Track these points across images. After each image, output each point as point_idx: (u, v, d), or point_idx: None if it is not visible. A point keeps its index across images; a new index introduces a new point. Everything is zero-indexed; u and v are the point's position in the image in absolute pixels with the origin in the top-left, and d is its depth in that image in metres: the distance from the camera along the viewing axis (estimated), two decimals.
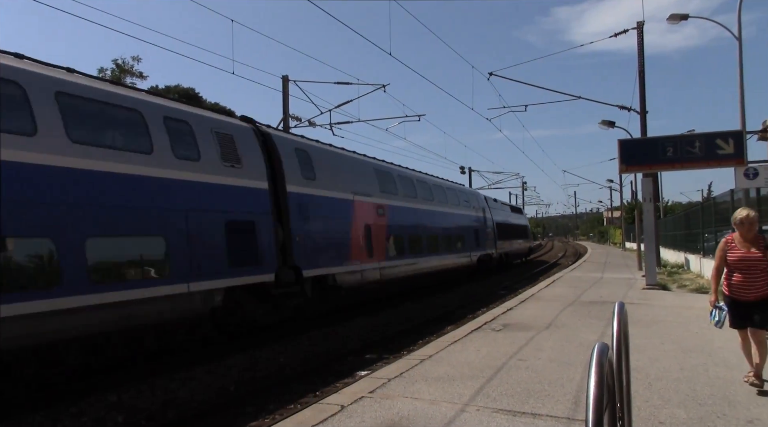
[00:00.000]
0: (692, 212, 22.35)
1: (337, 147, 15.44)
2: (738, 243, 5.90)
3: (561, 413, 5.07)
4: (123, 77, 37.13)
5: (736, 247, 5.89)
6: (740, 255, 5.82)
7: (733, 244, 5.92)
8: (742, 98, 14.98)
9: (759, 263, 5.75)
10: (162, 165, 8.98)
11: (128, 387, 7.83)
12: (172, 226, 8.93)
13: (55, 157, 7.46)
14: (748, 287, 5.77)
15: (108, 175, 8.10)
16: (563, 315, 10.97)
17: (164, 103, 9.88)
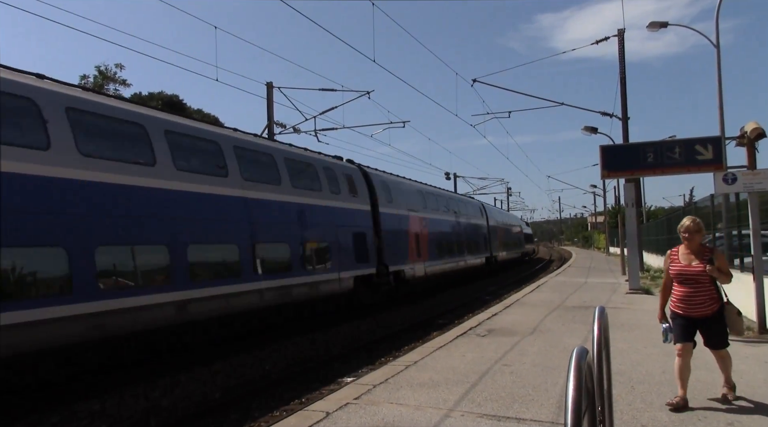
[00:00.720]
0: (674, 217, 22.61)
1: (396, 175, 20.31)
2: (680, 255, 5.52)
3: (545, 418, 5.11)
4: (105, 84, 36.82)
5: (677, 259, 5.52)
6: (679, 268, 5.45)
7: (675, 256, 5.56)
8: (720, 104, 15.22)
9: (699, 277, 5.32)
10: (326, 198, 14.31)
11: (112, 394, 7.76)
12: (335, 236, 14.24)
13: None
14: (690, 302, 5.35)
15: (313, 206, 13.62)
16: (547, 320, 11.04)
17: (332, 161, 15.41)
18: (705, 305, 5.34)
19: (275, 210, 12.08)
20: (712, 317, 5.33)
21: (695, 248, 5.44)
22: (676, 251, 5.58)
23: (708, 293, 5.34)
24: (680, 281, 5.42)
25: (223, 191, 10.55)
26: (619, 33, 22.78)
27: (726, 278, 5.37)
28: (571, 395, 2.09)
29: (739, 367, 6.86)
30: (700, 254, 5.40)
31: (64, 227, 7.56)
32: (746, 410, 5.23)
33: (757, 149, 9.52)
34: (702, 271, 5.30)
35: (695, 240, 5.43)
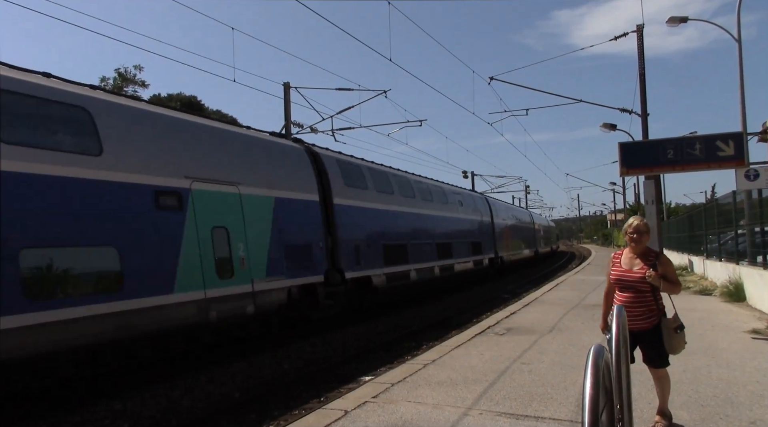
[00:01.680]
0: (695, 214, 22.32)
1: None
2: (624, 259, 4.90)
3: (564, 416, 5.09)
4: (125, 86, 37.32)
5: (618, 263, 4.89)
6: (619, 273, 4.83)
7: (617, 259, 4.94)
8: (742, 100, 14.98)
9: (638, 284, 4.69)
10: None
11: (132, 395, 7.87)
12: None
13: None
14: (629, 312, 4.61)
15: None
16: (566, 318, 10.97)
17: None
18: (643, 317, 4.69)
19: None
20: (651, 332, 4.69)
21: (640, 251, 4.83)
22: (620, 254, 4.96)
23: (647, 304, 4.69)
24: (620, 287, 4.82)
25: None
26: (638, 29, 22.51)
27: (672, 287, 4.68)
28: (589, 393, 2.09)
29: (763, 365, 6.79)
30: (644, 259, 4.77)
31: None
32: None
33: None
34: (642, 277, 4.65)
35: (642, 242, 4.81)
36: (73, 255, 7.48)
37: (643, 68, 22.39)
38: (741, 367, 6.71)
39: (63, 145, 7.78)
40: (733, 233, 14.52)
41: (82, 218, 7.66)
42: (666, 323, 4.68)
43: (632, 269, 4.75)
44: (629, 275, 4.75)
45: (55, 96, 7.86)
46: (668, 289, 4.66)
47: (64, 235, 7.41)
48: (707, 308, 12.15)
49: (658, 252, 4.86)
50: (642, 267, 4.70)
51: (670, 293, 4.67)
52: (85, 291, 7.50)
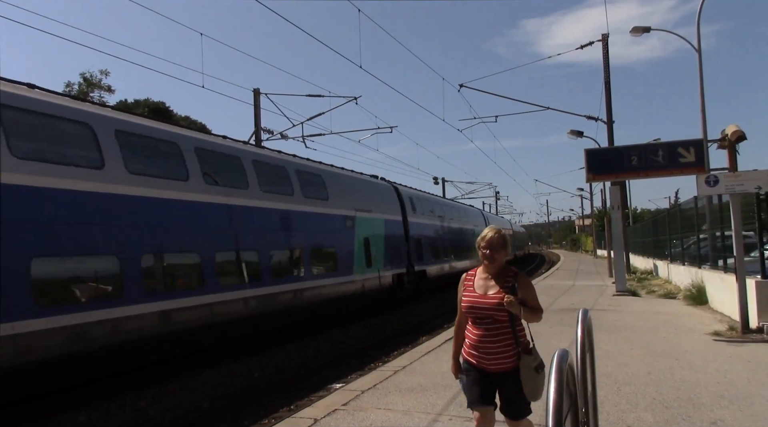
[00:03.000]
0: (659, 219, 22.84)
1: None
2: (477, 281, 3.78)
3: (532, 420, 5.13)
4: (90, 91, 36.61)
5: (471, 286, 3.78)
6: (472, 299, 3.72)
7: (470, 282, 3.81)
8: (702, 108, 15.43)
9: (496, 313, 3.62)
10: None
11: (97, 406, 7.70)
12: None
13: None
14: (484, 350, 3.65)
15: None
16: (535, 323, 11.10)
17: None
18: (502, 356, 3.63)
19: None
20: (513, 374, 3.63)
21: (496, 270, 3.74)
22: (473, 274, 3.85)
23: (507, 338, 3.63)
24: (474, 318, 3.72)
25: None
26: (603, 38, 23.07)
27: (533, 315, 3.67)
28: (553, 397, 2.13)
29: (723, 366, 6.98)
30: (501, 280, 3.70)
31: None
32: (729, 411, 5.29)
33: (738, 152, 9.70)
34: (499, 303, 3.59)
35: (498, 260, 3.72)
36: (327, 252, 14.38)
37: (608, 76, 22.92)
38: (703, 368, 6.89)
39: (310, 195, 14.03)
40: (696, 238, 14.91)
41: (338, 233, 15.03)
42: (525, 362, 3.60)
43: (487, 294, 3.67)
44: (483, 302, 3.65)
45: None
46: (529, 317, 3.63)
47: (326, 243, 14.45)
48: (671, 311, 12.44)
49: (516, 271, 3.79)
50: (499, 291, 3.63)
51: (531, 321, 3.67)
52: (323, 272, 14.05)
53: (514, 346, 3.63)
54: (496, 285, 3.68)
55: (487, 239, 3.72)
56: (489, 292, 3.68)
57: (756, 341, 8.46)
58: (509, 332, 3.63)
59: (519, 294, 3.63)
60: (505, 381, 3.67)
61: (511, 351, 3.64)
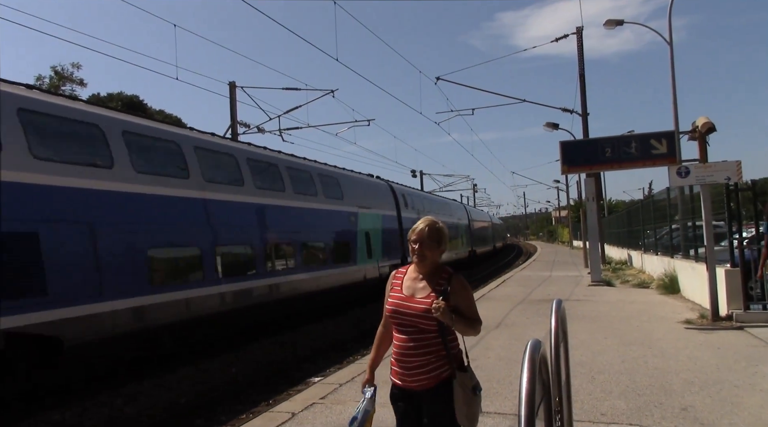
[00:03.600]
0: (633, 210, 23.20)
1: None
2: (406, 282, 3.19)
3: (508, 410, 5.21)
4: (62, 85, 35.90)
5: (399, 287, 3.18)
6: (396, 302, 3.13)
7: (398, 281, 3.22)
8: (674, 100, 15.68)
9: (421, 321, 3.01)
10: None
11: (72, 405, 7.59)
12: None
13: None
14: (407, 364, 3.05)
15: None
16: (512, 314, 11.23)
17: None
18: (426, 371, 3.02)
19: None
20: (435, 392, 3.01)
21: (428, 270, 3.15)
22: (404, 272, 3.27)
23: (434, 351, 3.01)
24: (398, 324, 3.11)
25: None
26: (578, 31, 23.28)
27: (468, 327, 3.05)
28: (525, 387, 2.15)
29: (694, 354, 7.14)
30: (432, 282, 3.10)
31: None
32: (699, 396, 5.42)
33: (708, 143, 9.88)
34: (427, 310, 2.97)
35: (429, 257, 3.14)
36: (342, 245, 16.31)
37: (582, 69, 23.15)
38: (675, 356, 7.04)
39: (330, 196, 16.21)
40: (668, 228, 15.18)
41: (350, 227, 16.95)
42: (461, 381, 2.98)
43: (414, 297, 3.07)
44: (409, 306, 3.05)
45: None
46: (462, 328, 3.03)
47: (341, 237, 16.42)
48: (645, 300, 12.67)
49: (452, 272, 3.16)
50: (428, 295, 3.03)
51: (465, 333, 3.09)
52: (339, 262, 16.01)
53: (441, 360, 2.99)
54: (426, 287, 3.07)
55: (417, 231, 3.14)
56: (417, 295, 3.06)
57: (725, 329, 8.67)
58: (438, 344, 2.99)
59: (451, 300, 3.00)
60: (428, 401, 3.01)
61: (436, 365, 2.98)
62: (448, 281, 3.08)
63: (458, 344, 3.12)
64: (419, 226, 3.17)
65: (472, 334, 3.10)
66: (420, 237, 3.12)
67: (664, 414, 4.93)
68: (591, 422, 4.82)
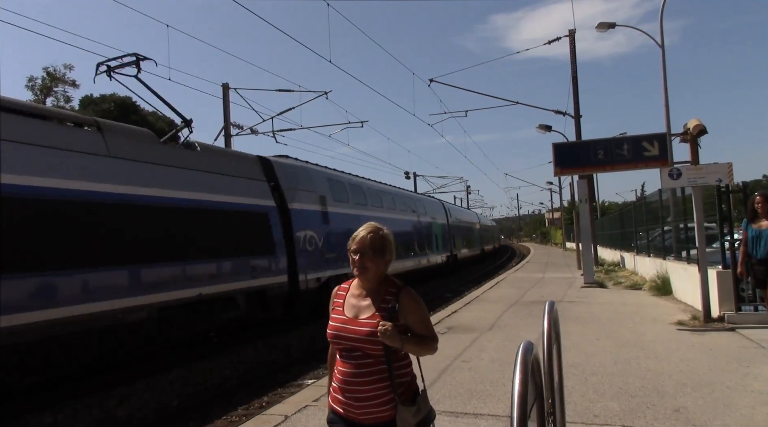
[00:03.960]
0: (626, 212, 23.28)
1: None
2: (349, 298, 2.78)
3: (501, 412, 5.21)
4: (54, 86, 35.72)
5: (341, 306, 2.77)
6: (338, 324, 2.73)
7: (340, 300, 2.81)
8: (666, 102, 15.75)
9: (367, 347, 2.61)
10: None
11: (63, 407, 7.54)
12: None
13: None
14: (354, 394, 2.64)
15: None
16: (506, 316, 11.24)
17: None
18: (376, 403, 2.61)
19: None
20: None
21: (372, 284, 2.74)
22: (346, 288, 2.84)
23: (382, 379, 2.61)
24: (341, 350, 2.70)
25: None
26: (570, 33, 23.37)
27: (422, 347, 2.66)
28: (517, 389, 2.15)
29: (686, 355, 7.16)
30: (378, 299, 2.69)
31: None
32: (691, 398, 5.44)
33: (700, 145, 9.92)
34: (371, 333, 2.58)
35: (372, 269, 2.69)
36: (427, 241, 26.92)
37: (575, 72, 23.23)
38: (667, 357, 7.06)
39: (423, 212, 27.51)
40: (660, 230, 15.24)
41: (428, 230, 27.18)
42: (403, 416, 2.59)
43: (358, 318, 2.66)
44: (352, 330, 2.63)
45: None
46: (415, 349, 2.65)
47: (428, 237, 27.08)
48: (637, 301, 12.71)
49: (401, 286, 2.72)
50: (373, 314, 2.63)
51: (420, 354, 2.71)
52: (427, 252, 26.45)
53: (389, 389, 2.59)
54: (371, 306, 2.66)
55: (357, 239, 2.69)
56: (361, 315, 2.65)
57: (717, 330, 8.70)
58: (386, 371, 2.58)
59: (401, 318, 2.61)
60: None
61: (388, 396, 2.59)
62: (396, 296, 2.67)
63: (411, 370, 2.72)
64: (360, 233, 2.72)
65: (428, 353, 2.70)
66: (361, 246, 2.68)
67: (656, 415, 4.94)
68: (584, 423, 4.83)
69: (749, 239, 7.62)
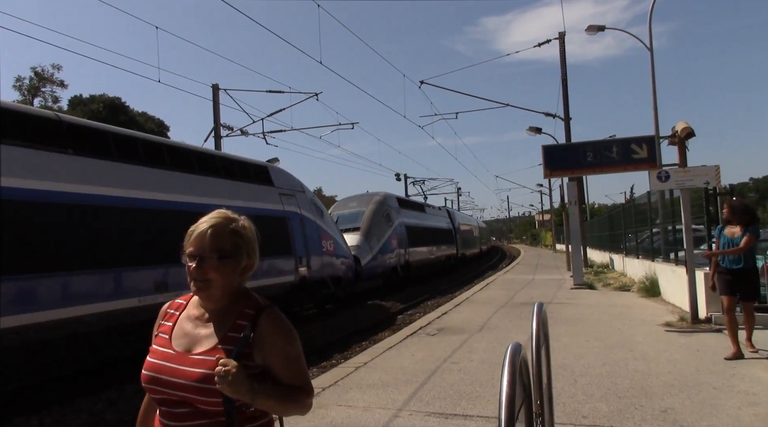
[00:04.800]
0: (615, 214, 23.42)
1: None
2: (183, 322, 1.87)
3: (491, 413, 5.22)
4: (42, 86, 35.45)
5: (167, 334, 1.86)
6: (157, 361, 1.80)
7: (166, 325, 1.89)
8: (655, 105, 15.87)
9: (197, 399, 1.70)
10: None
11: (50, 411, 7.48)
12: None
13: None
14: None
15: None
16: (495, 317, 11.27)
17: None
18: None
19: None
20: None
21: (217, 303, 1.85)
22: (182, 304, 1.96)
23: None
24: (160, 401, 1.79)
25: None
26: (560, 36, 23.50)
27: (285, 403, 1.76)
28: (505, 390, 2.16)
29: (674, 356, 7.21)
30: (226, 324, 1.81)
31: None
32: (678, 399, 5.48)
33: (687, 148, 10.00)
34: (206, 377, 1.68)
35: (218, 283, 1.79)
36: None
37: (565, 74, 23.36)
38: (655, 358, 7.11)
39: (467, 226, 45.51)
40: (649, 232, 15.35)
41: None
42: None
43: (191, 353, 1.79)
44: (177, 371, 1.75)
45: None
46: (277, 407, 1.78)
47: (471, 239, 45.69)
48: (626, 303, 12.79)
49: (264, 305, 1.85)
50: (214, 348, 1.77)
51: (283, 413, 1.86)
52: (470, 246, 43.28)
53: None
54: (212, 335, 1.78)
55: (194, 236, 1.79)
56: (195, 348, 1.77)
57: (705, 331, 8.77)
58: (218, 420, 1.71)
59: (256, 357, 1.75)
60: None
61: None
62: (254, 320, 1.78)
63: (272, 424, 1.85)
64: (199, 227, 1.81)
65: (296, 413, 1.81)
66: (199, 247, 1.77)
67: (644, 416, 4.97)
68: (572, 424, 4.85)
69: (721, 246, 7.35)
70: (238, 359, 1.69)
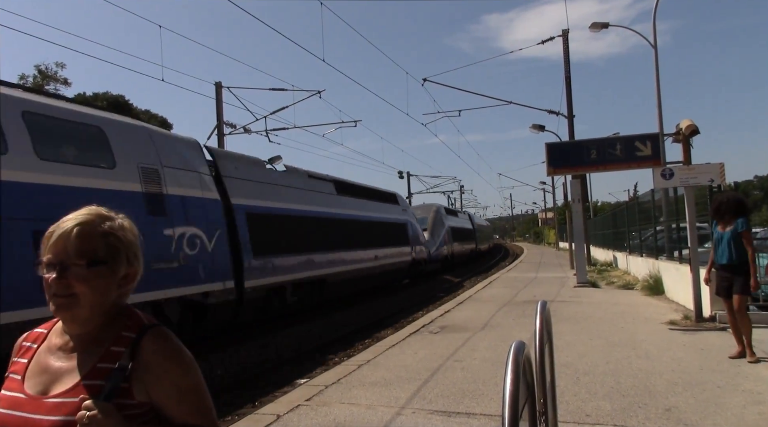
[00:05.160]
0: (618, 212, 23.35)
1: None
2: (41, 357, 1.42)
3: (494, 411, 5.21)
4: (46, 83, 35.51)
5: (19, 375, 1.41)
6: (6, 408, 1.35)
7: (23, 360, 1.44)
8: (659, 103, 15.78)
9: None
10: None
11: None
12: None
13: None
14: None
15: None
16: (498, 315, 11.25)
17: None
18: None
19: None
20: None
21: (86, 326, 1.41)
22: (44, 332, 1.49)
23: None
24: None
25: None
26: (564, 33, 23.41)
27: None
28: (509, 389, 2.14)
29: (677, 355, 7.18)
30: (97, 351, 1.39)
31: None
32: (682, 397, 5.46)
33: (692, 145, 9.95)
34: (66, 425, 1.28)
35: (87, 299, 1.36)
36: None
37: (568, 72, 23.29)
38: (658, 357, 7.08)
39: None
40: (653, 230, 15.30)
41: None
42: None
43: (48, 393, 1.35)
44: (28, 422, 1.31)
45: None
46: None
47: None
48: (629, 301, 12.76)
49: (148, 325, 1.46)
50: (75, 386, 1.34)
51: None
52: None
53: None
54: (76, 369, 1.39)
55: (56, 236, 1.39)
56: (53, 388, 1.38)
57: (709, 330, 8.74)
58: None
59: (136, 393, 1.37)
60: None
61: None
62: (134, 346, 1.41)
63: None
64: (62, 226, 1.40)
65: None
66: (61, 252, 1.38)
67: (648, 415, 4.95)
68: (576, 423, 4.83)
69: (714, 242, 7.20)
70: (112, 398, 1.31)
